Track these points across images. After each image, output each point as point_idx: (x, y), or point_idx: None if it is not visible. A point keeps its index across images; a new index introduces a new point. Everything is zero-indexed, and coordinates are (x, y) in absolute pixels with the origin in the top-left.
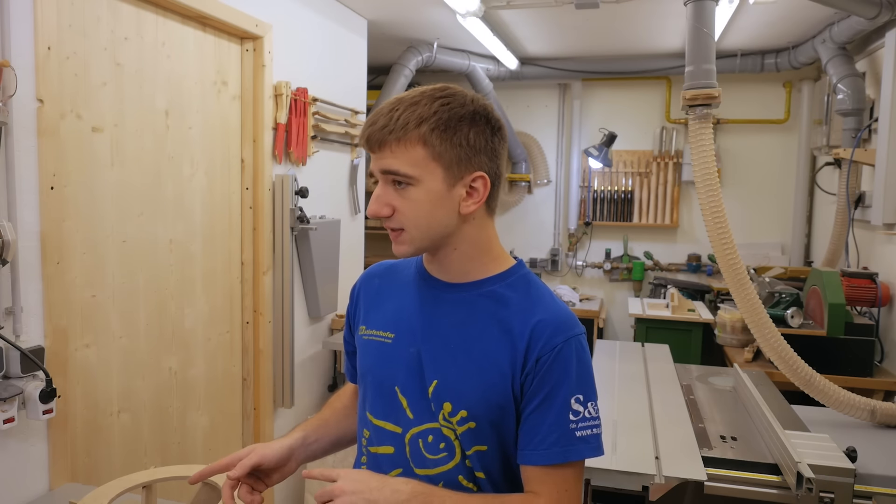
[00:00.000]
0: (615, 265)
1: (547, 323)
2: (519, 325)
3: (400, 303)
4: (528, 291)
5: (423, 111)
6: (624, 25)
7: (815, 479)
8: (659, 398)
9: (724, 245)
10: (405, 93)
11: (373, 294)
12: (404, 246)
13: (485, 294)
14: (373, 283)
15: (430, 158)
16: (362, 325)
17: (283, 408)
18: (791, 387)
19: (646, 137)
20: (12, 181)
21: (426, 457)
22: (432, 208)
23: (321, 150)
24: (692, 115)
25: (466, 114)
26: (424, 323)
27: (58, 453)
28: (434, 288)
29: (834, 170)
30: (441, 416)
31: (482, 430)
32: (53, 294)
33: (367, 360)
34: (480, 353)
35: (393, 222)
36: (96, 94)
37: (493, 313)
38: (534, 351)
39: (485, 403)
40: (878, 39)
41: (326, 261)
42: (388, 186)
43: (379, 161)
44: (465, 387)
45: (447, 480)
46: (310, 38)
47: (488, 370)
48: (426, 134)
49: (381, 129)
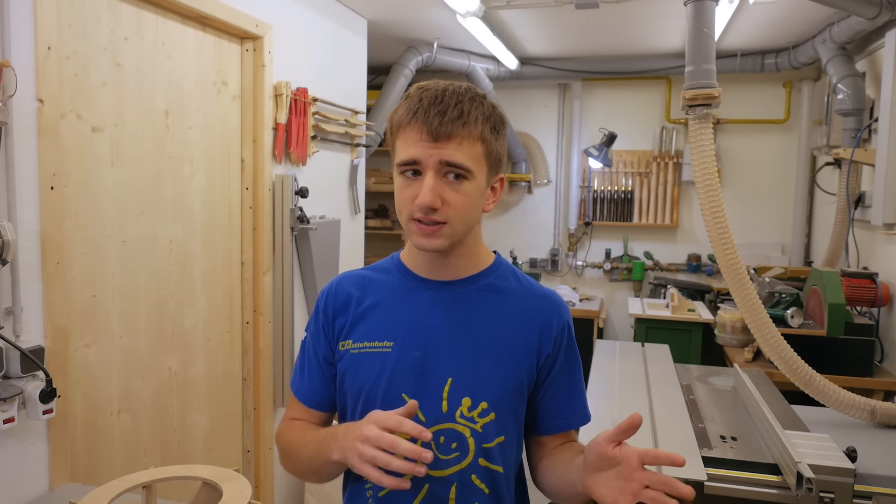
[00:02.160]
0: (615, 265)
1: (551, 305)
2: (526, 312)
3: (393, 310)
4: (517, 280)
5: (485, 108)
6: (624, 25)
7: (815, 479)
8: (659, 398)
9: (724, 245)
10: (448, 83)
11: (351, 306)
12: (440, 240)
13: (482, 288)
14: (346, 295)
15: (483, 156)
16: (346, 339)
17: (282, 408)
18: (791, 387)
19: (646, 137)
20: (12, 181)
21: (439, 458)
22: (476, 204)
23: (321, 150)
24: (692, 115)
25: (504, 117)
26: (427, 325)
27: (58, 453)
28: (429, 289)
29: (834, 170)
30: (458, 413)
31: (503, 420)
32: (53, 294)
33: (362, 374)
34: (492, 344)
35: (438, 215)
36: (96, 94)
37: (494, 305)
38: (549, 333)
39: (504, 392)
40: (878, 39)
41: (326, 261)
42: (439, 178)
43: (439, 151)
44: (482, 379)
45: (460, 481)
46: (310, 38)
47: (503, 360)
48: (485, 131)
49: (452, 120)
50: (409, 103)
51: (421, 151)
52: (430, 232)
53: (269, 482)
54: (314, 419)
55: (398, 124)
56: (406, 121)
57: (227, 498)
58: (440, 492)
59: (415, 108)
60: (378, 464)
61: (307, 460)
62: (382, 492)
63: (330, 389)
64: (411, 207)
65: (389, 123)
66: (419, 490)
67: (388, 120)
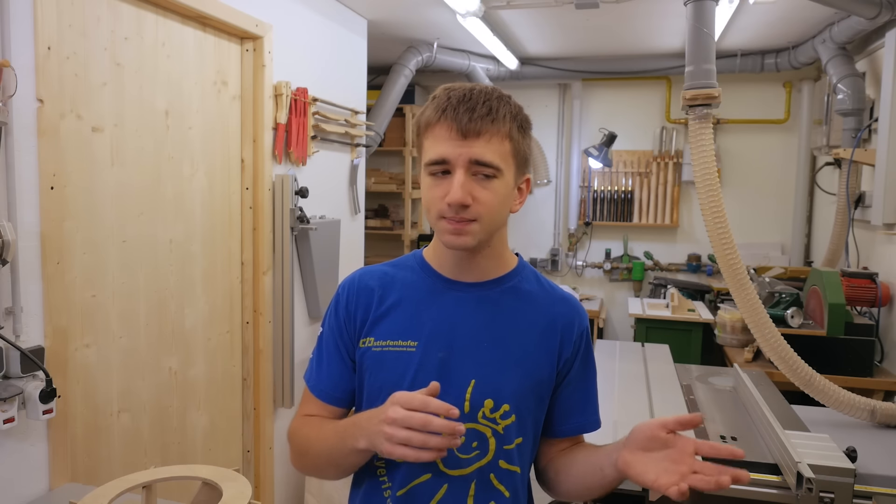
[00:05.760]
0: (615, 265)
1: (573, 309)
2: (548, 316)
3: (417, 309)
4: (540, 283)
5: (511, 107)
6: (624, 25)
7: (815, 479)
8: (659, 398)
9: (724, 245)
10: (475, 84)
11: (374, 303)
12: (469, 237)
13: (506, 290)
14: (368, 291)
15: (511, 154)
16: (367, 336)
17: (283, 408)
18: (791, 387)
19: (646, 137)
20: (12, 181)
21: (458, 457)
22: (504, 203)
23: (321, 150)
24: (692, 115)
25: (529, 118)
26: (451, 326)
27: (58, 453)
28: (455, 290)
29: (834, 170)
30: (480, 413)
31: (523, 422)
32: (53, 294)
33: (384, 372)
34: (516, 347)
35: (469, 213)
36: (96, 94)
37: (518, 308)
38: (570, 336)
39: (526, 395)
40: (878, 39)
41: (326, 261)
42: (469, 176)
43: (469, 149)
44: (504, 382)
45: (479, 479)
46: (310, 38)
47: (526, 363)
48: (513, 129)
49: (482, 117)
50: (437, 103)
51: (450, 150)
52: (459, 229)
53: (269, 482)
54: (330, 415)
55: (426, 124)
56: (434, 119)
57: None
58: (459, 490)
59: (443, 107)
60: (414, 444)
61: (327, 454)
62: (401, 490)
63: (350, 384)
64: (440, 206)
65: (416, 125)
66: (438, 488)
67: (414, 122)
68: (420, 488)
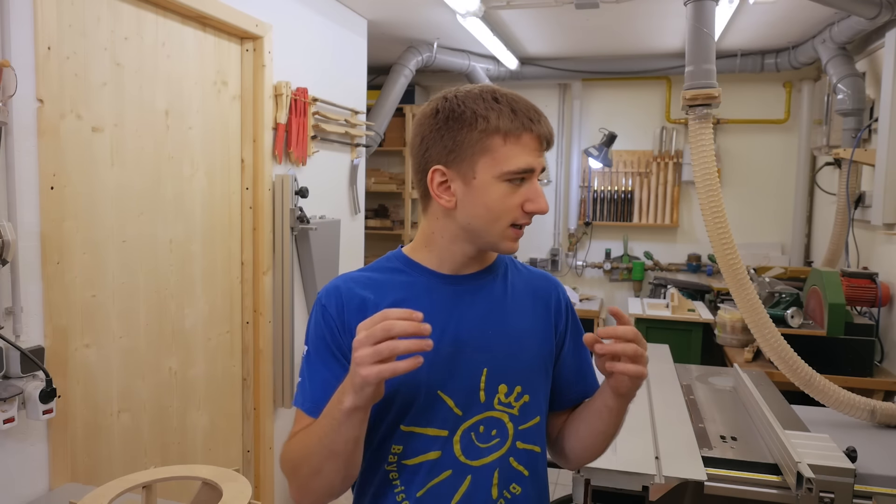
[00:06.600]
0: (615, 265)
1: (552, 283)
2: (536, 293)
3: (417, 307)
4: (516, 266)
5: None
6: (624, 25)
7: (815, 479)
8: (659, 398)
9: (724, 245)
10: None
11: (368, 310)
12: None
13: (497, 277)
14: (360, 299)
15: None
16: None
17: (283, 408)
18: (791, 387)
19: (646, 137)
20: (12, 181)
21: (479, 447)
22: None
23: (321, 150)
24: (692, 115)
25: None
26: (454, 319)
27: (58, 453)
28: (450, 283)
29: (834, 170)
30: (496, 400)
31: (537, 400)
32: (53, 294)
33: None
34: (517, 329)
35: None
36: (96, 94)
37: (510, 291)
38: (561, 308)
39: (535, 373)
40: (878, 39)
41: (326, 261)
42: None
43: (540, 158)
44: (514, 364)
45: (501, 466)
46: (310, 38)
47: (529, 342)
48: None
49: (551, 130)
50: (503, 110)
51: (534, 160)
52: (518, 235)
53: (269, 482)
54: None
55: (506, 132)
56: (515, 128)
57: (227, 498)
58: (483, 480)
59: (521, 117)
60: (384, 356)
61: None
62: (420, 491)
63: None
64: (516, 213)
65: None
66: (461, 483)
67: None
68: (441, 487)
